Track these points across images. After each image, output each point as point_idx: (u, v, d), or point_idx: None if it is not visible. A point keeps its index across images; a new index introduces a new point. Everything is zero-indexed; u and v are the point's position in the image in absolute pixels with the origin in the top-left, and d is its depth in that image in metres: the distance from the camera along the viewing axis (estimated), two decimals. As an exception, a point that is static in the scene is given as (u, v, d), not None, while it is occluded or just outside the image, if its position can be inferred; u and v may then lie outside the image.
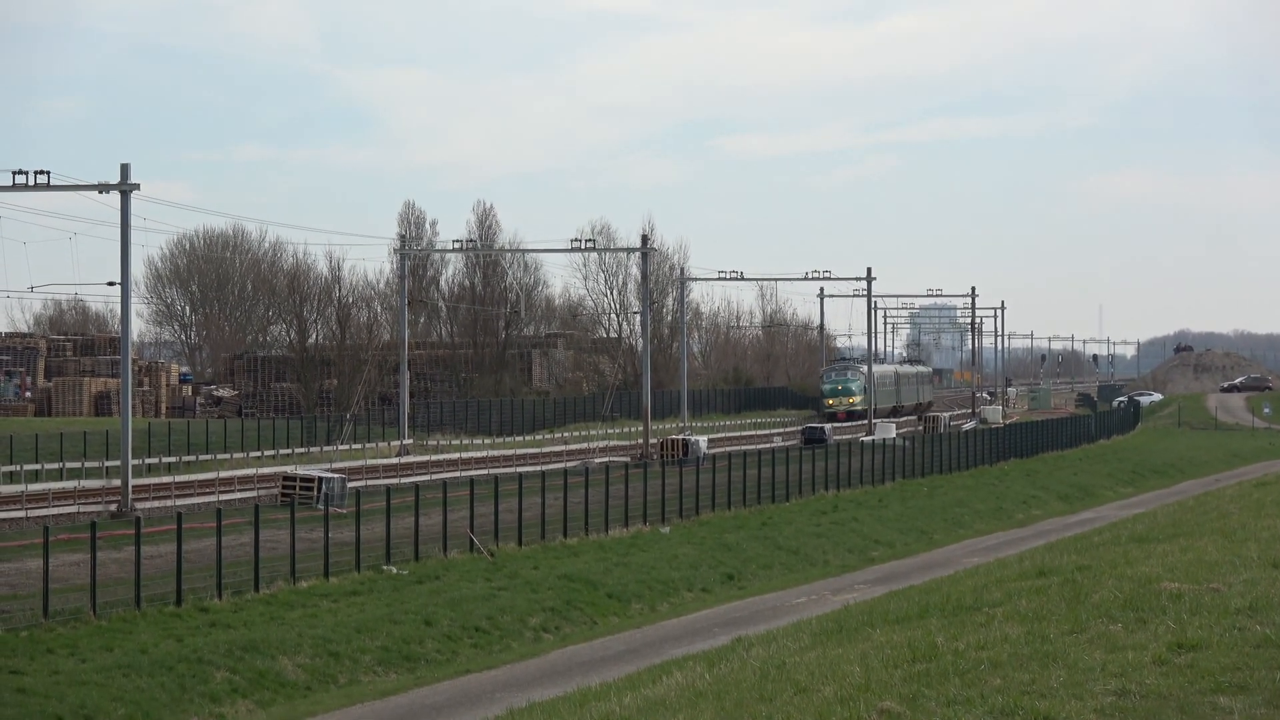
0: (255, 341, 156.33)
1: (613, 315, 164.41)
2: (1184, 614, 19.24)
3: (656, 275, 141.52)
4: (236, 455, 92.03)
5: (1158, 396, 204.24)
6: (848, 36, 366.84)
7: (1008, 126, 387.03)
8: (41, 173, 63.93)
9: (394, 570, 50.55)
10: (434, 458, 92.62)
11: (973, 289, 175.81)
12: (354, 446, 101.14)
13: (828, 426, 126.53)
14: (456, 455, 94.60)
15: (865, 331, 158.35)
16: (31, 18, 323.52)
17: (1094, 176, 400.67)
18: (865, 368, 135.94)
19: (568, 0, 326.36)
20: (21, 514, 59.14)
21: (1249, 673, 15.25)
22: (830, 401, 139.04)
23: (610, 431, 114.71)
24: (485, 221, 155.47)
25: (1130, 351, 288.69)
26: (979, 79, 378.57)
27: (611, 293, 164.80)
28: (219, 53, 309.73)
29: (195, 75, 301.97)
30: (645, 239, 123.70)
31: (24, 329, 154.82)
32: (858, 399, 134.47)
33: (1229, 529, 31.97)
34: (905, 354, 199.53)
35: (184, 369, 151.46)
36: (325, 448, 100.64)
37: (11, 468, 77.23)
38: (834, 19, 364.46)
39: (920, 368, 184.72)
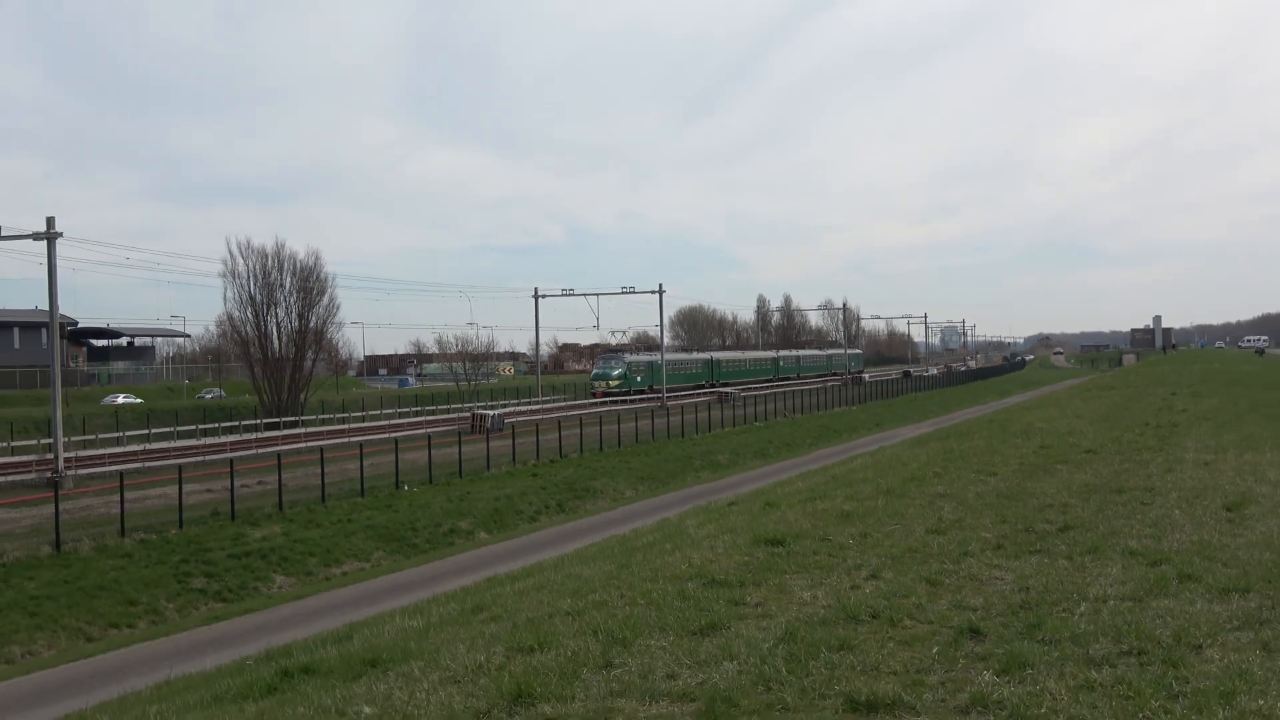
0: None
1: (832, 332, 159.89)
2: (1044, 436, 19.01)
3: (847, 318, 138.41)
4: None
5: (1032, 358, 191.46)
6: (920, 229, 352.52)
7: (983, 258, 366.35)
8: (630, 287, 65.30)
9: (758, 424, 49.39)
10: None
11: (963, 320, 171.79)
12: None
13: (911, 368, 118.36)
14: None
15: (924, 340, 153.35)
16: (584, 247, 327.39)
17: (1009, 278, 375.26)
18: (629, 357, 73.92)
19: (801, 220, 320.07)
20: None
21: (1070, 456, 15.21)
22: (595, 384, 71.38)
23: (835, 376, 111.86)
24: (787, 300, 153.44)
25: (1022, 340, 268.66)
26: (970, 241, 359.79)
27: (832, 324, 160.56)
28: (687, 242, 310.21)
29: (670, 252, 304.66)
30: (845, 305, 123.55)
31: (612, 342, 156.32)
32: (615, 381, 70.89)
33: (1059, 403, 30.87)
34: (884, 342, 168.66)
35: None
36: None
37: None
38: (917, 223, 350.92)
39: (853, 350, 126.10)
